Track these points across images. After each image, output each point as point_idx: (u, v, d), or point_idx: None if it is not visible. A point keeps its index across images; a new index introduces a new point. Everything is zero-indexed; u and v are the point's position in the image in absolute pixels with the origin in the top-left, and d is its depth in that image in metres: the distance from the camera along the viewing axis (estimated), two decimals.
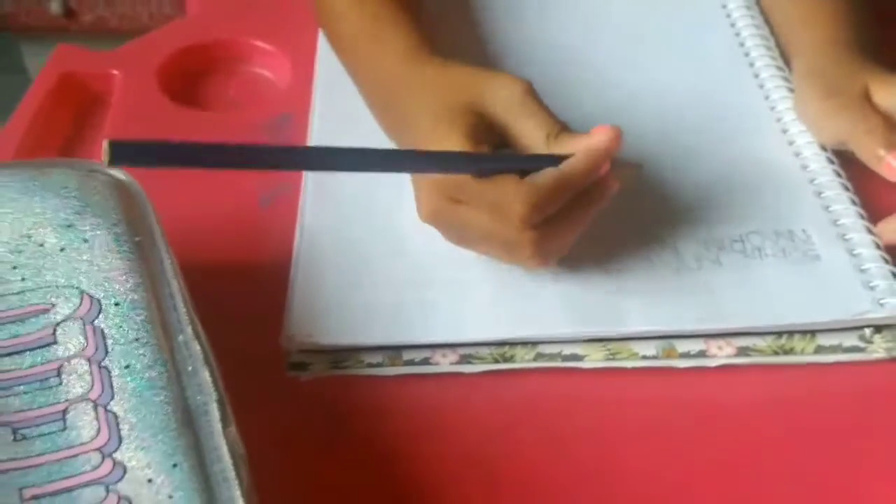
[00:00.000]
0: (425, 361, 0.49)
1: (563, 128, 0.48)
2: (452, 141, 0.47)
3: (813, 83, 0.59)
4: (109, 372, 0.39)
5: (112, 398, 0.38)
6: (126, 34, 0.75)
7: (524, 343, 0.50)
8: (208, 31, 0.73)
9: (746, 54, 0.66)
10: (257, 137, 0.63)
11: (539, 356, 0.49)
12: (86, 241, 0.44)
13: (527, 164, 0.47)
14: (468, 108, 0.48)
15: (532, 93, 0.49)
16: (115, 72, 0.70)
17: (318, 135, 0.61)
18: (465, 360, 0.49)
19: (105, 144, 0.36)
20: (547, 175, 0.46)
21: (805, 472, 0.45)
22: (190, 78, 0.70)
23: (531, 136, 0.48)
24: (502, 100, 0.49)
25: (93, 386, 0.38)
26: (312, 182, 0.58)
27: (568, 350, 0.49)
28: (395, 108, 0.53)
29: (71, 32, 1.51)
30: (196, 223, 0.55)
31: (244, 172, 0.60)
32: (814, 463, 0.45)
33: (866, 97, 0.56)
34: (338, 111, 0.58)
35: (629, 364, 0.49)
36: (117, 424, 0.37)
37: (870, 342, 0.49)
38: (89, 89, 0.69)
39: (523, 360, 0.49)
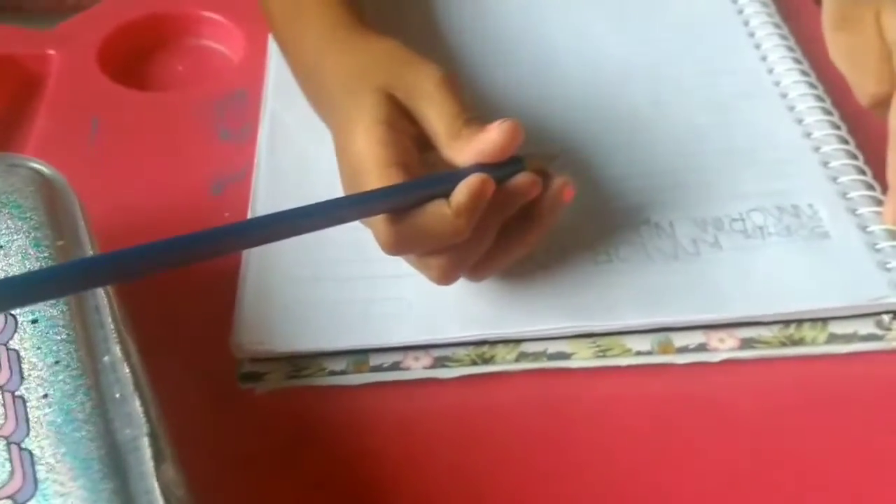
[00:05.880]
0: (395, 366, 0.45)
1: (466, 123, 0.43)
2: (364, 123, 0.43)
3: (826, 10, 0.54)
4: (25, 403, 0.34)
5: (27, 434, 0.33)
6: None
7: (505, 341, 0.45)
8: (153, 4, 0.68)
9: (740, 11, 0.62)
10: (209, 117, 0.59)
11: (522, 356, 0.45)
12: (1, 247, 0.39)
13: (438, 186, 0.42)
14: (381, 89, 0.44)
15: (444, 82, 0.44)
16: (51, 52, 0.65)
17: (272, 111, 0.57)
18: (439, 363, 0.45)
19: None
20: (414, 214, 0.41)
21: (819, 472, 0.41)
22: (134, 56, 0.66)
23: (435, 129, 0.44)
24: (413, 87, 0.44)
25: (6, 420, 0.33)
26: (266, 167, 0.54)
27: (553, 348, 0.45)
28: (316, 81, 0.50)
29: (25, 11, 1.44)
30: (137, 216, 0.51)
31: (191, 154, 0.57)
32: (829, 463, 0.41)
33: (877, 31, 0.51)
34: (294, 86, 0.53)
35: (622, 362, 0.45)
36: (33, 466, 0.32)
37: (888, 329, 0.45)
38: (25, 71, 0.65)
39: (504, 360, 0.45)
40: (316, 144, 0.51)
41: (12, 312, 0.37)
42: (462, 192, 0.41)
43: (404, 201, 0.41)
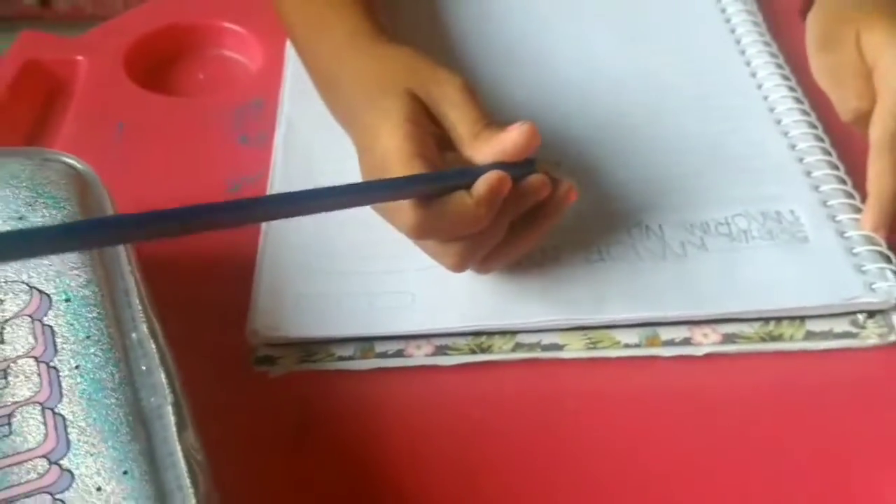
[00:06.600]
0: (399, 353, 0.47)
1: (486, 126, 0.46)
2: (391, 121, 0.45)
3: (809, 32, 0.56)
4: (58, 372, 0.37)
5: (60, 400, 0.36)
6: (102, 21, 0.72)
7: (502, 333, 0.48)
8: (176, 14, 0.71)
9: (732, 31, 0.64)
10: (228, 124, 0.62)
11: (518, 346, 0.47)
12: None
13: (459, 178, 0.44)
14: (407, 91, 0.46)
15: (466, 89, 0.47)
16: (80, 58, 0.68)
17: (288, 118, 0.60)
18: (440, 351, 0.47)
19: None
20: (442, 201, 0.44)
21: (796, 463, 0.43)
22: (158, 63, 0.68)
23: (458, 131, 0.46)
24: (435, 92, 0.47)
25: (41, 387, 0.36)
26: (281, 170, 0.56)
27: (547, 339, 0.47)
28: (336, 87, 0.52)
29: (45, 20, 1.48)
30: None
31: (211, 157, 0.59)
32: (804, 454, 0.43)
33: (857, 51, 0.53)
34: (308, 94, 0.56)
35: (611, 354, 0.47)
36: (66, 429, 0.35)
37: (863, 328, 0.47)
38: (54, 76, 0.67)
39: (501, 350, 0.47)
40: (329, 150, 0.54)
41: (47, 292, 0.40)
42: (483, 184, 0.43)
43: (430, 189, 0.43)
